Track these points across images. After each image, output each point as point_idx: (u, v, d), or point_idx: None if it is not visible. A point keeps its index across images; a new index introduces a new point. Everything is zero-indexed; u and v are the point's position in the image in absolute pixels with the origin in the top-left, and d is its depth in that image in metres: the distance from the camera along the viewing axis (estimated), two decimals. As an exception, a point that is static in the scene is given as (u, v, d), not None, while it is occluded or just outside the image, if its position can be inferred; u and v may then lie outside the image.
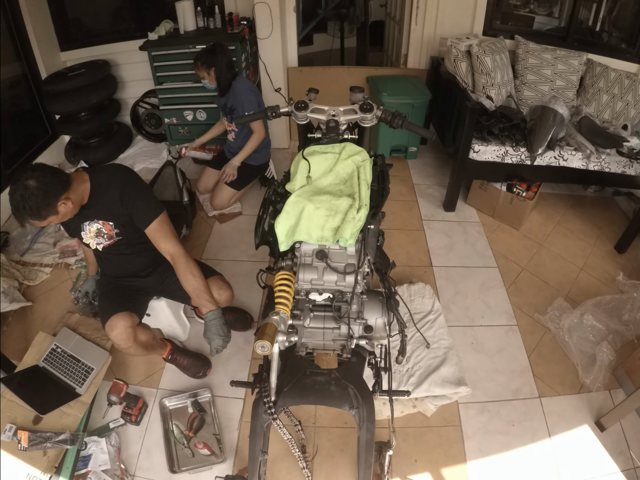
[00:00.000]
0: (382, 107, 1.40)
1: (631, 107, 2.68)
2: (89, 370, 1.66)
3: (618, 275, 2.31)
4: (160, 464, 1.56)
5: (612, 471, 1.60)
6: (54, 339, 1.73)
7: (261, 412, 1.09)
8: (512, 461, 1.62)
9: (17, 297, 2.09)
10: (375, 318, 1.21)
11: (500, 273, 2.37)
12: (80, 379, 1.63)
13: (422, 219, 2.73)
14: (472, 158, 2.48)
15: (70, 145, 3.21)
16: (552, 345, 2.01)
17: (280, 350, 1.10)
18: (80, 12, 3.21)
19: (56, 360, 1.67)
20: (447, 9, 2.97)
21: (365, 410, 1.08)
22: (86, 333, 1.82)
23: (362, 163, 1.35)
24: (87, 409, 1.58)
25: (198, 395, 1.74)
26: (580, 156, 2.41)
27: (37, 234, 2.53)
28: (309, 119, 1.43)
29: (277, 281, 1.17)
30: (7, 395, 1.53)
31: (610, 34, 3.16)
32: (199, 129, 3.04)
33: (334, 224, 1.21)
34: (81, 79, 2.84)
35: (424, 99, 2.92)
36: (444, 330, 2.01)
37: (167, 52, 2.77)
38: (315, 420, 1.70)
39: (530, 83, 2.82)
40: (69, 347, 1.71)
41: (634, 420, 1.72)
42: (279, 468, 1.57)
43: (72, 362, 1.67)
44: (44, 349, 1.70)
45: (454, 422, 1.72)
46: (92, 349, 1.75)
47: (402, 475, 1.56)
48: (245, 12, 2.98)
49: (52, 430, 1.47)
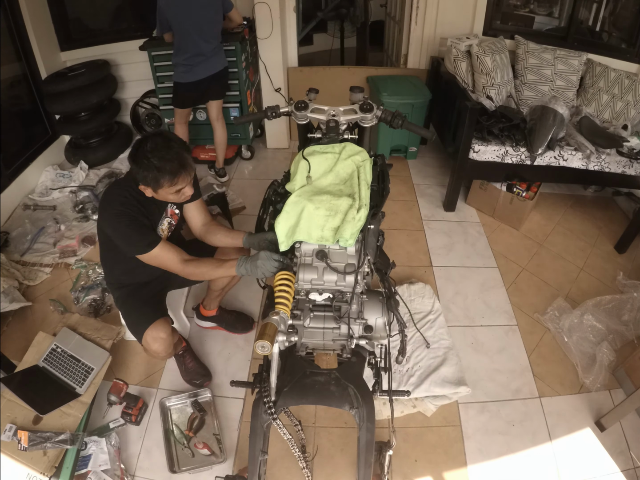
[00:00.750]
0: (382, 107, 1.40)
1: (631, 107, 2.68)
2: (89, 370, 1.66)
3: (618, 275, 2.32)
4: (160, 464, 1.56)
5: (612, 471, 1.60)
6: (54, 338, 1.73)
7: (261, 412, 1.09)
8: (512, 461, 1.62)
9: (17, 297, 2.09)
10: (375, 318, 1.21)
11: (500, 273, 2.37)
12: (80, 379, 1.63)
13: (422, 219, 2.73)
14: (472, 158, 2.48)
15: (70, 145, 3.21)
16: (552, 345, 2.01)
17: (280, 350, 1.10)
18: (80, 12, 3.22)
19: (56, 360, 1.67)
20: (447, 9, 2.97)
21: (365, 410, 1.08)
22: (86, 333, 1.82)
23: (362, 163, 1.35)
24: (87, 409, 1.58)
25: (198, 395, 1.74)
26: (580, 156, 2.41)
27: (37, 234, 2.53)
28: (309, 119, 1.43)
29: (277, 281, 1.17)
30: (7, 395, 1.52)
31: (610, 34, 3.16)
32: (199, 128, 3.04)
33: (333, 224, 1.21)
34: (81, 79, 2.84)
35: (423, 99, 2.92)
36: (444, 330, 2.01)
37: (167, 52, 2.77)
38: (315, 420, 1.70)
39: (530, 83, 2.82)
40: (69, 347, 1.71)
41: (634, 420, 1.71)
42: (279, 468, 1.56)
43: (72, 362, 1.67)
44: (44, 349, 1.70)
45: (454, 422, 1.72)
46: (92, 348, 1.75)
47: (402, 475, 1.56)
48: (245, 12, 2.98)
49: (52, 430, 1.47)
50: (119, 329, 1.90)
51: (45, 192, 2.88)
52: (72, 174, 3.01)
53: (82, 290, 2.16)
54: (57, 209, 2.76)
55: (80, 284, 2.22)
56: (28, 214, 2.71)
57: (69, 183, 2.94)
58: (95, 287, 2.18)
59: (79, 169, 3.03)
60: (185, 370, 1.83)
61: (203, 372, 1.83)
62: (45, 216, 2.69)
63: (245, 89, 2.92)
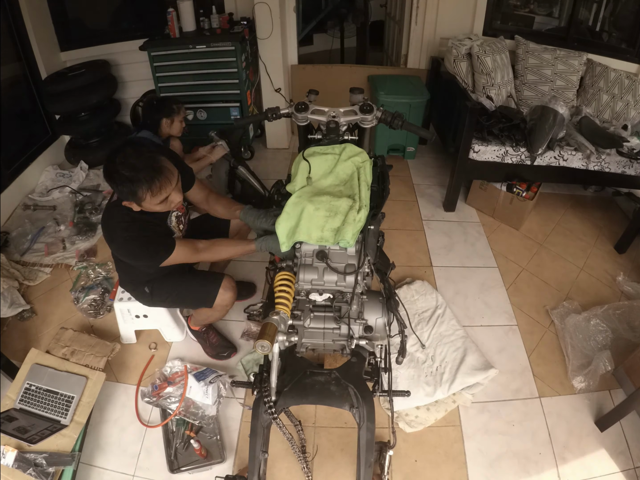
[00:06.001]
0: (382, 108, 1.40)
1: (631, 107, 2.68)
2: (69, 399, 1.60)
3: (618, 275, 2.32)
4: (160, 464, 1.56)
5: (612, 471, 1.60)
6: (26, 377, 1.64)
7: (261, 412, 1.09)
8: (512, 461, 1.62)
9: (15, 299, 2.08)
10: (375, 318, 1.22)
11: (500, 273, 2.37)
12: (62, 411, 1.57)
13: (422, 219, 2.73)
14: (472, 158, 2.48)
15: (70, 145, 3.21)
16: (552, 345, 2.02)
17: (281, 351, 1.11)
18: (80, 12, 3.21)
19: (32, 398, 1.59)
20: (447, 9, 2.97)
21: (365, 410, 1.08)
22: (80, 349, 1.77)
23: (362, 164, 1.35)
24: (82, 429, 1.55)
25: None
26: (580, 156, 2.41)
27: (37, 234, 2.53)
28: (309, 120, 1.43)
29: (277, 281, 1.18)
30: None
31: (610, 34, 3.16)
32: (200, 128, 3.04)
33: (333, 224, 1.21)
34: (81, 79, 2.84)
35: (421, 99, 2.92)
36: (454, 321, 2.05)
37: (167, 52, 2.78)
38: (315, 420, 1.70)
39: (530, 83, 2.82)
40: (43, 382, 1.63)
41: (634, 420, 1.71)
42: (279, 468, 1.57)
43: (50, 396, 1.60)
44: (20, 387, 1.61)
45: (454, 422, 1.72)
46: (67, 378, 1.66)
47: (402, 475, 1.56)
48: (245, 12, 2.98)
49: (48, 451, 1.45)
50: (113, 345, 1.87)
51: (45, 192, 2.88)
52: (72, 174, 3.01)
53: (82, 290, 2.16)
54: (57, 209, 2.76)
55: (80, 284, 2.23)
56: (28, 214, 2.71)
57: (69, 183, 2.94)
58: (95, 287, 2.18)
59: (79, 169, 3.03)
60: (211, 346, 1.87)
61: (228, 345, 1.90)
62: (45, 216, 2.69)
63: (245, 89, 2.92)
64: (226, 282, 1.59)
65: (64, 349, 1.77)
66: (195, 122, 3.02)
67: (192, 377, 1.70)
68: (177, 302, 1.72)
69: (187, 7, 2.79)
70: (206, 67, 2.83)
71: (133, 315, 1.87)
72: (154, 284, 1.60)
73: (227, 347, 1.90)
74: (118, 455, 1.61)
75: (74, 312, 2.11)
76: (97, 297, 2.13)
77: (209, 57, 2.79)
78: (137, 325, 1.92)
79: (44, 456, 1.43)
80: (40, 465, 1.41)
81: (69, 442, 1.51)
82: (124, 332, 1.94)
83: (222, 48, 2.75)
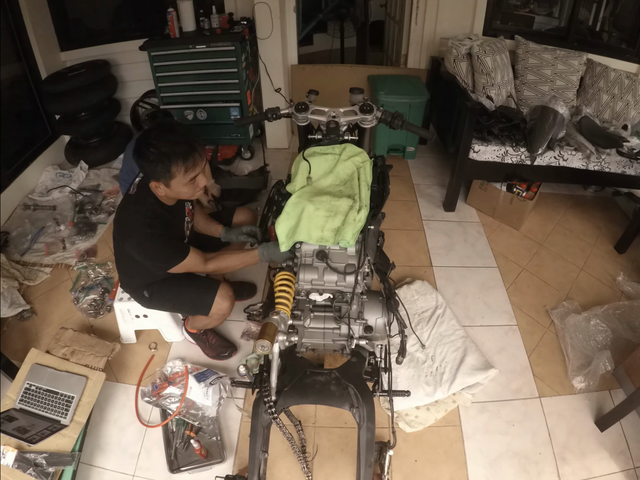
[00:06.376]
0: (382, 108, 1.40)
1: (631, 107, 2.68)
2: (69, 399, 1.60)
3: (618, 275, 2.32)
4: (160, 464, 1.56)
5: (612, 471, 1.60)
6: (25, 377, 1.64)
7: (261, 411, 1.09)
8: (512, 461, 1.62)
9: (15, 299, 2.08)
10: (375, 318, 1.22)
11: (500, 273, 2.37)
12: (62, 411, 1.57)
13: (422, 219, 2.73)
14: (472, 158, 2.48)
15: (70, 145, 3.21)
16: (552, 345, 2.02)
17: (281, 350, 1.11)
18: (80, 12, 3.21)
19: (32, 398, 1.59)
20: (447, 9, 2.97)
21: (365, 409, 1.08)
22: (80, 349, 1.77)
23: (362, 164, 1.36)
24: (82, 429, 1.55)
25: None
26: (580, 156, 2.41)
27: (37, 234, 2.53)
28: (309, 120, 1.43)
29: (277, 281, 1.18)
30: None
31: (610, 34, 3.16)
32: (200, 128, 3.04)
33: (333, 224, 1.21)
34: (81, 79, 2.84)
35: (421, 99, 2.91)
36: (454, 321, 2.05)
37: (167, 52, 2.77)
38: (315, 420, 1.70)
39: (530, 83, 2.82)
40: (43, 382, 1.63)
41: (634, 420, 1.71)
42: (279, 468, 1.57)
43: (50, 396, 1.60)
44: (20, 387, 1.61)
45: (454, 422, 1.72)
46: (67, 378, 1.66)
47: (402, 475, 1.56)
48: (245, 12, 2.98)
49: (48, 451, 1.45)
50: (113, 345, 1.86)
51: (45, 192, 2.88)
52: (72, 174, 3.01)
53: (82, 290, 2.16)
54: (57, 209, 2.76)
55: (81, 284, 2.23)
56: (28, 214, 2.71)
57: (69, 183, 2.94)
58: (95, 287, 2.18)
59: (79, 169, 3.03)
60: (210, 347, 1.86)
61: (228, 344, 1.89)
62: (45, 216, 2.69)
63: (245, 89, 2.92)
64: (223, 291, 1.57)
65: (64, 349, 1.77)
66: (196, 122, 3.02)
67: (192, 377, 1.70)
68: (175, 308, 1.72)
69: (187, 7, 2.78)
70: (206, 67, 2.82)
71: (133, 315, 1.87)
72: (153, 288, 1.60)
73: (227, 346, 1.89)
74: (118, 455, 1.61)
75: (74, 312, 2.11)
76: (97, 297, 2.13)
77: (209, 57, 2.79)
78: (137, 325, 1.92)
79: (44, 456, 1.43)
80: (40, 465, 1.42)
81: (69, 442, 1.51)
82: (124, 332, 1.94)
83: (222, 48, 2.74)
